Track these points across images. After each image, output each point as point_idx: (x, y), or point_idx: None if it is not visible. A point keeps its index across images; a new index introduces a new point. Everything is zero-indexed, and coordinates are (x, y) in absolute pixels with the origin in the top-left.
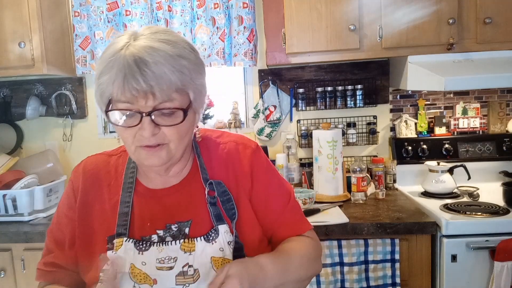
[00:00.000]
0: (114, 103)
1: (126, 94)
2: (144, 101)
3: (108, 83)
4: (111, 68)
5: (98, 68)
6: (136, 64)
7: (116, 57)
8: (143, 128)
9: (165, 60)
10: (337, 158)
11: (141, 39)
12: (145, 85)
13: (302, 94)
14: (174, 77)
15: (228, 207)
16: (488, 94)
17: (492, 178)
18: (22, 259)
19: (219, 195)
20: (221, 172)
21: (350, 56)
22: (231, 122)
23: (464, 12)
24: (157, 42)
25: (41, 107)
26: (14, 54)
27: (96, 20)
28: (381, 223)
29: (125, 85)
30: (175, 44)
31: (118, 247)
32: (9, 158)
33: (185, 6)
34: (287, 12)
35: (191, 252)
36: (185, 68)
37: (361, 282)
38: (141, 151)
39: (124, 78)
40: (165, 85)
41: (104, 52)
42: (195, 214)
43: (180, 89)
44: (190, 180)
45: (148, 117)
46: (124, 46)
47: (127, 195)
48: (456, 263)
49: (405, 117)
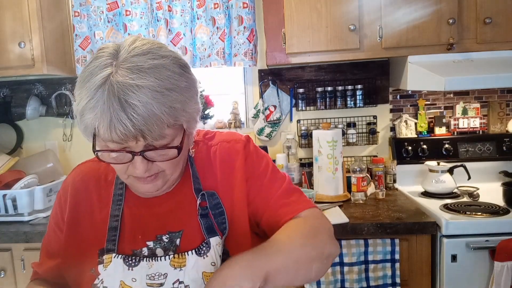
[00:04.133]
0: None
1: (113, 137)
2: (134, 142)
3: (93, 121)
4: (94, 107)
5: (79, 98)
6: (122, 107)
7: (98, 94)
8: (135, 166)
9: (152, 98)
10: (337, 158)
11: (122, 68)
12: (134, 130)
13: (302, 94)
14: (165, 116)
15: (220, 221)
16: (488, 94)
17: (492, 178)
18: (22, 259)
19: (211, 207)
20: (214, 182)
21: (350, 56)
22: (231, 122)
23: (464, 12)
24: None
25: (41, 107)
26: (14, 54)
27: (96, 20)
28: (381, 223)
29: (111, 130)
30: (161, 71)
31: (107, 264)
32: (9, 158)
33: (185, 6)
34: (287, 12)
35: (181, 268)
36: (176, 102)
37: (361, 282)
38: (135, 180)
39: (110, 122)
40: (156, 126)
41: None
42: (186, 224)
43: (174, 123)
44: (181, 188)
45: (140, 156)
46: (106, 80)
47: (116, 208)
48: (456, 263)
49: (405, 117)
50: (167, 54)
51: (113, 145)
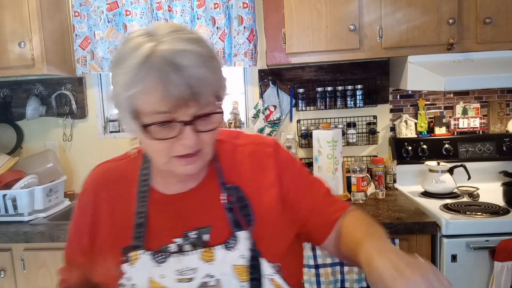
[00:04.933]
0: (147, 115)
1: (167, 104)
2: (185, 109)
3: (143, 95)
4: (144, 78)
5: (121, 78)
6: (176, 71)
7: (147, 64)
8: (186, 138)
9: (202, 62)
10: (337, 158)
11: (165, 42)
12: (190, 92)
13: (302, 94)
14: (213, 79)
15: (246, 213)
16: (488, 94)
17: (492, 178)
18: (22, 259)
19: (236, 201)
20: (240, 177)
21: (350, 56)
22: (231, 122)
23: (464, 12)
24: (185, 43)
25: (41, 107)
26: (14, 54)
27: (96, 20)
28: (381, 223)
29: (167, 96)
30: (200, 43)
31: (135, 261)
32: (9, 158)
33: (185, 6)
34: (287, 12)
35: (211, 262)
36: (218, 70)
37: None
38: (177, 161)
39: (165, 88)
40: (207, 89)
41: (120, 61)
42: (213, 219)
43: (216, 91)
44: (206, 183)
45: (190, 126)
46: (152, 50)
47: (141, 204)
48: (456, 263)
49: (405, 117)
50: (195, 32)
51: (162, 116)
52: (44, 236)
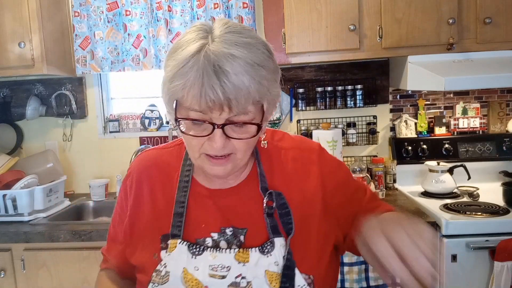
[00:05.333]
0: (184, 109)
1: (201, 104)
2: (218, 113)
3: (182, 90)
4: (186, 74)
5: (169, 69)
6: (216, 74)
7: (192, 61)
8: (214, 140)
9: (245, 70)
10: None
11: (218, 41)
12: (223, 98)
13: (302, 94)
14: (252, 89)
15: (286, 221)
16: (488, 94)
17: (492, 178)
18: (22, 259)
19: (277, 206)
20: (282, 182)
21: (350, 56)
22: None
23: (464, 12)
24: (236, 47)
25: (41, 107)
26: (14, 54)
27: (96, 20)
28: None
29: (201, 96)
30: (253, 49)
31: (172, 249)
32: (9, 158)
33: (185, 6)
34: (287, 12)
35: (245, 263)
36: (263, 79)
37: (361, 282)
38: (207, 160)
39: (202, 88)
40: (243, 98)
41: (175, 51)
42: (251, 222)
43: (257, 101)
44: (248, 185)
45: (220, 129)
46: (201, 49)
47: (182, 194)
48: (456, 263)
49: (405, 117)
50: (258, 36)
51: (196, 114)
52: (44, 236)
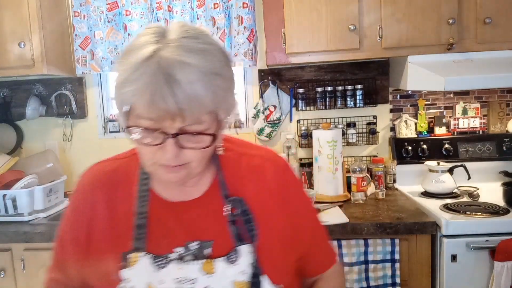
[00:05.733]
0: (135, 116)
1: (152, 113)
2: (170, 122)
3: (133, 96)
4: (136, 80)
5: (120, 73)
6: (168, 83)
7: (143, 67)
8: (165, 150)
9: (199, 79)
10: (337, 158)
11: (171, 46)
12: (175, 108)
13: (302, 94)
14: (207, 100)
15: (249, 227)
16: (488, 94)
17: (492, 178)
18: (22, 259)
19: (240, 214)
20: (243, 189)
21: (350, 56)
22: (231, 122)
23: (464, 12)
24: (190, 54)
25: (41, 107)
26: (14, 54)
27: (96, 20)
28: (381, 223)
29: (152, 104)
30: (209, 56)
31: (133, 263)
32: (9, 158)
33: (185, 6)
34: (287, 12)
35: (211, 274)
36: (219, 89)
37: (361, 282)
38: (160, 168)
39: (153, 96)
40: (197, 108)
41: (127, 54)
42: (216, 233)
43: (213, 111)
44: (210, 195)
45: (172, 139)
46: (154, 54)
47: (142, 204)
48: (456, 263)
49: (405, 117)
50: (214, 42)
51: (147, 123)
52: (44, 236)
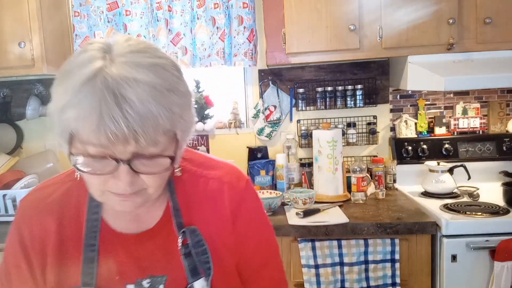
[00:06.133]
0: (80, 143)
1: (100, 139)
2: (122, 147)
3: (76, 122)
4: (79, 103)
5: (59, 97)
6: (117, 103)
7: (86, 88)
8: (119, 178)
9: (152, 96)
10: (337, 158)
11: (118, 62)
12: (127, 130)
13: (302, 94)
14: (162, 118)
15: (203, 260)
16: (488, 94)
17: (492, 178)
18: None
19: (193, 245)
20: (197, 216)
21: (350, 56)
22: (231, 122)
23: (464, 12)
24: (140, 70)
25: (41, 107)
26: (14, 54)
27: (96, 20)
28: (381, 223)
29: (100, 129)
30: (160, 70)
31: None
32: (9, 158)
33: (185, 6)
34: (287, 12)
35: None
36: (174, 105)
37: (361, 282)
38: (112, 197)
39: (100, 120)
40: (152, 129)
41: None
42: (170, 267)
43: (169, 130)
44: (164, 225)
45: (126, 166)
46: (98, 73)
47: (92, 236)
48: (456, 263)
49: (405, 117)
50: (164, 56)
51: (95, 150)
52: None
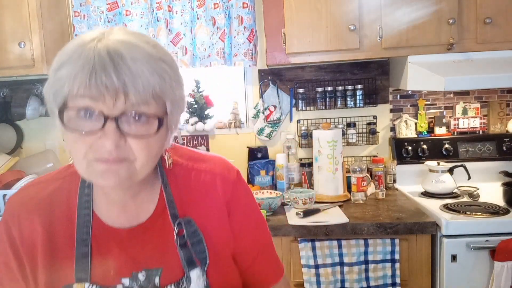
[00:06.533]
0: (72, 101)
1: (91, 89)
2: (112, 102)
3: (69, 77)
4: (75, 60)
5: (57, 60)
6: (110, 56)
7: (84, 48)
8: (106, 135)
9: (144, 58)
10: (337, 158)
11: (116, 33)
12: (118, 81)
13: (302, 94)
14: (152, 79)
15: (199, 250)
16: (488, 94)
17: (492, 178)
18: None
19: (189, 235)
20: (191, 207)
21: (350, 56)
22: (231, 122)
23: (464, 12)
24: (136, 39)
25: (41, 107)
26: (14, 54)
27: (96, 20)
28: (381, 223)
29: (91, 79)
30: (155, 46)
31: None
32: (9, 158)
33: (185, 6)
34: (287, 12)
35: None
36: (165, 73)
37: (361, 282)
38: (96, 165)
39: (92, 70)
40: (142, 86)
41: (68, 44)
42: (166, 259)
43: (158, 96)
44: (157, 218)
45: (114, 123)
46: (96, 38)
47: (84, 231)
48: (456, 263)
49: (405, 117)
50: (160, 44)
51: (85, 102)
52: None
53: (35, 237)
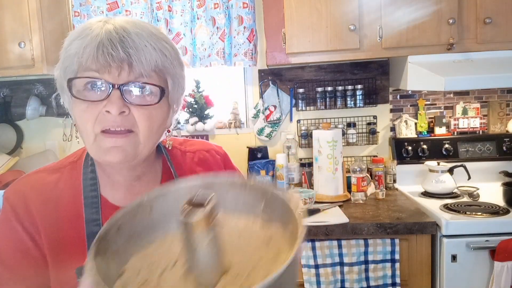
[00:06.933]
0: (81, 74)
1: (98, 60)
2: (117, 72)
3: (78, 52)
4: (84, 37)
5: (67, 39)
6: (116, 31)
7: (92, 26)
8: (111, 103)
9: (148, 36)
10: (337, 158)
11: (121, 17)
12: (123, 53)
13: (302, 94)
14: (155, 54)
15: None
16: (488, 94)
17: (492, 178)
18: None
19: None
20: None
21: (350, 56)
22: (231, 122)
23: (464, 12)
24: (139, 21)
25: (41, 107)
26: (14, 54)
27: None
28: (381, 223)
29: (98, 51)
30: (158, 29)
31: None
32: (9, 158)
33: (185, 6)
34: (287, 12)
35: None
36: (167, 51)
37: (361, 282)
38: (104, 138)
39: (99, 43)
40: (145, 59)
41: (77, 27)
42: None
43: (160, 70)
44: None
45: (118, 91)
46: (102, 20)
47: (93, 211)
48: (456, 263)
49: (405, 117)
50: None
51: (92, 74)
52: None
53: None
